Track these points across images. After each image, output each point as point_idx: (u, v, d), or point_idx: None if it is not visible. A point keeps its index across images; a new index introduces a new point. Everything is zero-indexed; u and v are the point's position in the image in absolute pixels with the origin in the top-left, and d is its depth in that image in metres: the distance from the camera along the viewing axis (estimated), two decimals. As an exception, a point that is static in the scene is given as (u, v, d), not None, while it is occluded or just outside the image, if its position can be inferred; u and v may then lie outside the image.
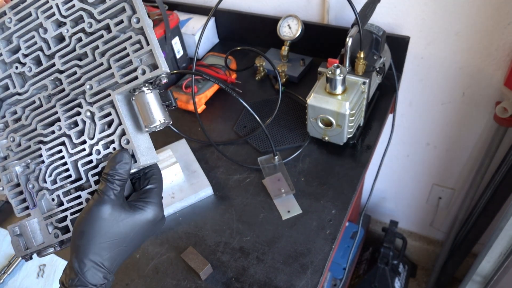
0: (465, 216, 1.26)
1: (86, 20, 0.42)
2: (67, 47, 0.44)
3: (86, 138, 0.43)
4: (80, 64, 0.43)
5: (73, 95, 0.44)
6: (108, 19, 0.42)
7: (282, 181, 0.77)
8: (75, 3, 0.43)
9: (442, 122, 1.09)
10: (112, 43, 0.42)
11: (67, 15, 0.43)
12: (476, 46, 0.89)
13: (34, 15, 0.44)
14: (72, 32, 0.43)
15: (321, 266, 0.65)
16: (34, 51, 0.45)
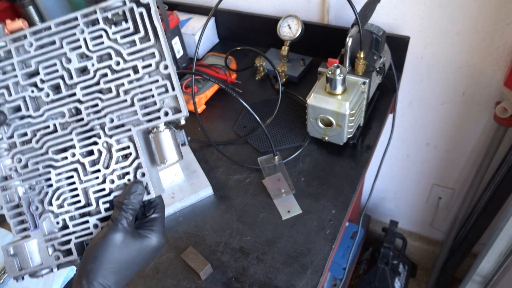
0: (465, 216, 1.26)
1: (114, 59, 0.44)
2: (90, 80, 0.45)
3: (101, 167, 0.44)
4: (103, 98, 0.44)
5: (91, 125, 0.45)
6: (137, 61, 0.44)
7: (282, 181, 0.77)
8: (104, 41, 0.44)
9: (442, 122, 1.09)
10: (138, 83, 0.44)
11: (94, 50, 0.44)
12: (476, 46, 0.89)
13: (58, 44, 0.45)
14: (98, 67, 0.44)
15: (321, 266, 0.65)
16: (54, 79, 0.45)
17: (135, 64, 0.44)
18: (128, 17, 0.44)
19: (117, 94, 0.44)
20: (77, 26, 0.44)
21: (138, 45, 0.44)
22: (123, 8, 0.43)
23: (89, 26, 0.44)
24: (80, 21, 0.44)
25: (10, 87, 0.45)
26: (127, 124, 0.44)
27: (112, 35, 0.44)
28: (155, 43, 0.44)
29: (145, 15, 0.44)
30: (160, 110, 0.43)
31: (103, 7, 0.44)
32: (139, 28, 0.43)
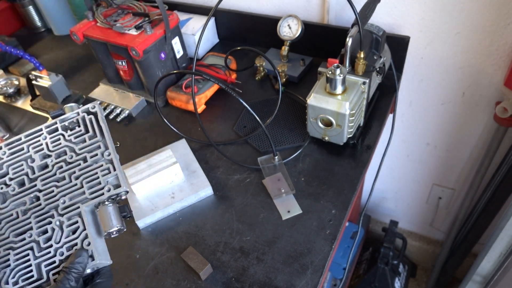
0: (465, 216, 1.26)
1: (68, 154, 0.54)
2: (49, 173, 0.54)
3: (53, 243, 0.50)
4: (58, 185, 0.53)
5: (47, 208, 0.52)
6: (86, 153, 0.54)
7: (282, 181, 0.77)
8: (62, 142, 0.55)
9: (442, 122, 1.09)
10: (87, 169, 0.53)
11: (53, 150, 0.55)
12: (476, 46, 0.89)
13: (26, 150, 0.55)
14: (56, 161, 0.54)
15: (321, 266, 0.65)
16: (20, 176, 0.54)
17: (84, 156, 0.54)
18: (81, 123, 0.56)
19: (69, 180, 0.53)
20: (41, 134, 0.56)
21: (88, 141, 0.55)
22: (77, 117, 0.56)
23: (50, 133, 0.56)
24: (44, 131, 0.56)
25: None
26: (76, 203, 0.52)
27: (67, 137, 0.55)
28: (101, 139, 0.55)
29: (93, 120, 0.56)
30: (103, 188, 0.52)
31: (62, 118, 0.57)
32: (89, 129, 0.55)
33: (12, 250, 0.51)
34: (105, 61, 1.03)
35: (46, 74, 1.01)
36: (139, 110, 1.01)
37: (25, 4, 1.35)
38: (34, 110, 1.07)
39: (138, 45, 0.88)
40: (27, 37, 1.40)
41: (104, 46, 0.98)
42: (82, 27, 0.96)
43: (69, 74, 1.18)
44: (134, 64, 0.98)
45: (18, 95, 1.14)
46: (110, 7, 0.99)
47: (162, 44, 0.95)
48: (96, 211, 0.52)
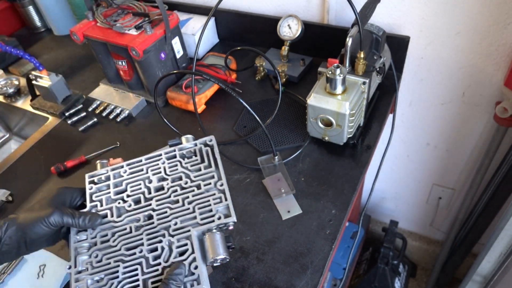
0: (465, 216, 1.26)
1: (184, 179, 0.60)
2: (164, 194, 0.59)
3: (162, 261, 0.53)
4: (171, 207, 0.57)
5: (159, 227, 0.56)
6: (200, 181, 0.59)
7: (282, 181, 0.77)
8: (178, 168, 0.61)
9: (442, 122, 1.09)
10: (200, 196, 0.58)
11: (170, 174, 0.60)
12: (476, 46, 0.89)
13: (145, 171, 0.62)
14: (171, 185, 0.60)
15: (321, 266, 0.65)
16: (137, 194, 0.60)
17: (199, 183, 0.59)
18: (197, 153, 0.62)
19: (182, 204, 0.57)
20: (161, 159, 0.62)
21: (203, 170, 0.60)
22: (195, 148, 0.63)
23: (168, 159, 0.62)
24: (163, 156, 0.62)
25: (103, 200, 0.60)
26: (187, 227, 0.55)
27: (184, 164, 0.61)
28: (215, 169, 0.60)
29: (210, 152, 0.62)
30: (214, 215, 0.55)
31: (180, 147, 0.63)
32: (205, 160, 0.61)
33: (122, 263, 0.54)
34: (105, 61, 1.03)
35: (46, 74, 1.01)
36: (139, 110, 1.01)
37: (25, 4, 1.35)
38: (34, 110, 1.07)
39: (138, 45, 0.88)
40: (27, 37, 1.40)
41: (104, 46, 0.98)
42: (82, 27, 0.96)
43: (69, 74, 1.18)
44: (134, 64, 0.98)
45: (18, 95, 1.14)
46: (110, 7, 0.99)
47: (162, 44, 0.95)
48: (204, 238, 0.54)
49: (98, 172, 0.63)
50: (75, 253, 0.55)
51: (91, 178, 0.62)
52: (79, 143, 0.95)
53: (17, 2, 1.35)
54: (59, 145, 0.96)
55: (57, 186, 0.86)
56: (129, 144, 0.93)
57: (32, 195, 0.85)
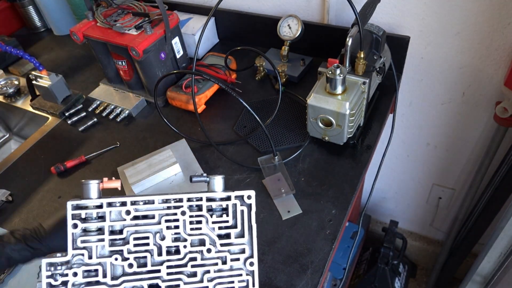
0: (465, 216, 1.26)
1: (207, 246, 0.45)
2: (179, 261, 0.44)
3: None
4: (185, 280, 0.44)
5: None
6: (227, 253, 0.45)
7: (282, 181, 0.77)
8: (203, 227, 0.45)
9: (442, 122, 1.09)
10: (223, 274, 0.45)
11: (191, 234, 0.45)
12: (476, 46, 0.89)
13: (157, 220, 0.45)
14: (190, 250, 0.45)
15: (321, 266, 0.65)
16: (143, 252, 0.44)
17: (225, 255, 0.45)
18: (230, 211, 0.46)
19: (200, 280, 0.45)
20: (181, 207, 0.45)
21: (233, 238, 0.46)
22: (226, 202, 0.47)
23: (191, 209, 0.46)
24: (185, 203, 0.45)
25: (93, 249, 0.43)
26: None
27: (211, 223, 0.46)
28: (248, 241, 0.46)
29: (246, 213, 0.47)
30: None
31: (210, 196, 0.46)
32: (237, 224, 0.46)
33: None
34: (105, 61, 1.03)
35: (46, 74, 1.01)
36: (139, 110, 1.01)
37: (25, 4, 1.35)
38: (34, 110, 1.07)
39: (138, 45, 0.88)
40: (27, 37, 1.40)
41: (104, 46, 0.98)
42: (82, 27, 0.96)
43: (69, 74, 1.18)
44: (134, 64, 0.98)
45: (18, 95, 1.14)
46: (110, 7, 0.99)
47: (162, 44, 0.95)
48: None
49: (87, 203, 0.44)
50: None
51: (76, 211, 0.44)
52: (79, 143, 0.95)
53: (17, 2, 1.35)
54: (59, 145, 0.95)
55: (58, 186, 0.86)
56: (129, 144, 0.93)
57: (32, 195, 0.85)
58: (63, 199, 0.82)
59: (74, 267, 0.43)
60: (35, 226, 0.50)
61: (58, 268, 0.43)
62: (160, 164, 0.79)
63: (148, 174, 0.78)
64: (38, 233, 0.48)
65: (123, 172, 0.82)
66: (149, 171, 0.78)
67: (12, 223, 0.80)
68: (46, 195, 0.84)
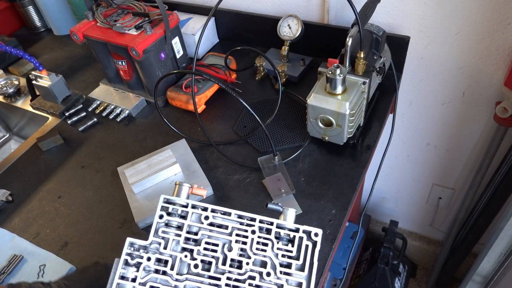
0: (465, 216, 1.26)
1: (268, 269, 0.47)
2: (240, 276, 0.47)
3: None
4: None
5: None
6: (284, 281, 0.47)
7: (282, 181, 0.77)
8: (267, 250, 0.48)
9: (442, 122, 1.09)
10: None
11: (255, 253, 0.48)
12: (476, 46, 0.89)
13: (229, 231, 0.49)
14: (252, 268, 0.48)
15: (321, 266, 0.65)
16: (209, 256, 0.48)
17: (282, 283, 0.47)
18: (295, 243, 0.49)
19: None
20: (253, 226, 0.50)
21: (293, 269, 0.48)
22: (294, 233, 0.49)
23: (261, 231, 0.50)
24: (256, 224, 0.50)
25: (169, 243, 0.49)
26: None
27: (275, 250, 0.49)
28: (306, 276, 0.48)
29: (310, 249, 0.49)
30: None
31: (280, 224, 0.50)
32: (300, 257, 0.48)
33: None
34: (105, 61, 1.03)
35: (46, 74, 1.01)
36: (139, 110, 1.01)
37: (25, 4, 1.35)
38: (34, 110, 1.07)
39: (138, 45, 0.88)
40: (27, 37, 1.40)
41: (104, 46, 0.98)
42: (82, 27, 0.96)
43: (69, 74, 1.18)
44: (134, 64, 0.98)
45: (18, 95, 1.14)
46: (110, 7, 0.99)
47: (162, 44, 0.95)
48: None
49: (176, 200, 0.51)
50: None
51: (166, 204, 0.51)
52: (79, 143, 0.95)
53: (17, 2, 1.35)
54: (59, 145, 0.95)
55: (58, 186, 0.86)
56: (129, 144, 0.93)
57: (32, 195, 0.85)
58: (63, 199, 0.82)
59: (150, 252, 0.48)
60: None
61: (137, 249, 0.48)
62: (160, 164, 0.79)
63: (148, 174, 0.78)
64: None
65: (123, 172, 0.82)
66: (149, 171, 0.78)
67: (12, 223, 0.80)
68: (46, 195, 0.84)
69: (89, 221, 0.78)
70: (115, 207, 0.80)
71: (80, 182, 0.86)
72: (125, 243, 0.48)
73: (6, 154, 1.17)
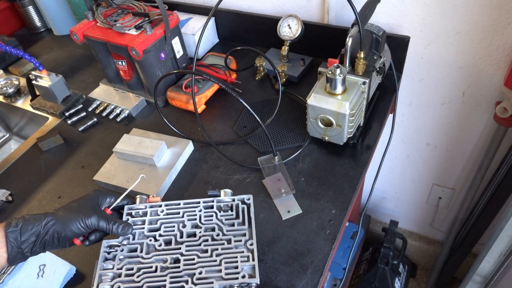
0: (465, 216, 1.26)
1: (216, 231, 0.62)
2: (195, 242, 0.61)
3: None
4: (199, 255, 0.59)
5: (184, 273, 0.57)
6: (232, 236, 0.61)
7: (282, 181, 0.77)
8: (213, 219, 0.63)
9: (442, 122, 1.09)
10: (228, 251, 0.59)
11: (204, 223, 0.63)
12: (476, 46, 0.89)
13: (181, 215, 0.64)
14: (203, 234, 0.62)
15: (321, 266, 0.65)
16: (169, 236, 0.62)
17: (230, 238, 0.60)
18: (234, 208, 0.64)
19: (210, 255, 0.59)
20: (198, 206, 0.64)
21: (236, 226, 0.62)
22: (232, 203, 0.65)
23: (205, 208, 0.65)
24: (201, 204, 0.65)
25: (136, 234, 0.62)
26: (210, 278, 0.57)
27: (219, 217, 0.63)
28: (247, 228, 0.62)
29: (246, 210, 0.64)
30: (239, 273, 0.57)
31: (219, 199, 0.65)
32: (239, 216, 0.63)
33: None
34: (105, 61, 1.03)
35: (46, 74, 1.01)
36: (139, 110, 1.01)
37: (25, 4, 1.35)
38: (34, 110, 1.07)
39: (138, 45, 0.88)
40: (27, 37, 1.40)
41: (104, 46, 0.98)
42: (82, 27, 0.96)
43: (69, 74, 1.18)
44: (134, 64, 0.98)
45: (18, 95, 1.14)
46: (110, 7, 0.99)
47: (162, 44, 0.95)
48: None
49: (136, 206, 0.66)
50: (98, 280, 0.57)
51: (129, 210, 0.65)
52: (79, 143, 0.95)
53: (17, 2, 1.35)
54: (59, 145, 0.95)
55: (58, 186, 0.86)
56: (129, 144, 0.93)
57: (32, 195, 0.85)
58: (63, 199, 0.82)
59: (122, 245, 0.61)
60: None
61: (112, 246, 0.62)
62: (145, 149, 0.83)
63: (131, 150, 0.83)
64: None
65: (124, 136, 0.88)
66: (134, 148, 0.83)
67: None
68: (46, 195, 0.84)
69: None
70: (115, 207, 0.80)
71: (80, 182, 0.86)
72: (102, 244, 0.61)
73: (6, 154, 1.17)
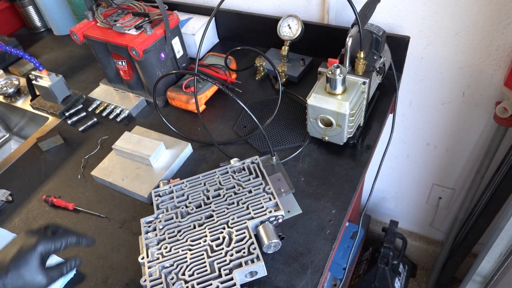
0: (465, 216, 1.26)
1: (237, 187, 0.72)
2: (221, 199, 0.71)
3: (224, 247, 0.64)
4: (228, 207, 0.69)
5: (219, 223, 0.67)
6: (251, 187, 0.71)
7: (282, 181, 0.77)
8: (231, 180, 0.73)
9: (442, 122, 1.09)
10: (252, 198, 0.69)
11: (224, 185, 0.73)
12: (476, 46, 0.89)
13: (202, 184, 0.74)
14: (226, 192, 0.72)
15: (321, 266, 0.65)
16: (197, 201, 0.71)
17: (250, 189, 0.71)
18: (246, 169, 0.75)
19: (237, 205, 0.69)
20: (215, 174, 0.75)
21: (251, 180, 0.73)
22: (243, 165, 0.76)
23: (222, 174, 0.75)
24: (217, 173, 0.75)
25: (168, 207, 0.71)
26: (243, 220, 0.66)
27: (235, 177, 0.74)
28: (261, 179, 0.72)
29: (256, 167, 0.75)
30: (265, 210, 0.67)
31: (231, 166, 0.76)
32: (252, 172, 0.74)
33: (189, 251, 0.64)
34: (105, 61, 1.03)
35: (46, 74, 1.01)
36: (139, 110, 1.01)
37: (25, 4, 1.35)
38: (34, 110, 1.07)
39: (138, 45, 0.88)
40: (27, 37, 1.40)
41: (104, 46, 0.98)
42: (82, 27, 0.96)
43: (69, 74, 1.18)
44: (134, 64, 0.98)
45: (18, 95, 1.14)
46: (110, 7, 0.99)
47: (162, 44, 0.95)
48: (258, 229, 0.65)
49: (161, 188, 0.75)
50: (146, 247, 0.65)
51: (156, 193, 0.74)
52: (79, 143, 0.95)
53: (17, 2, 1.35)
54: (59, 145, 0.95)
55: (58, 186, 0.86)
56: (129, 144, 0.93)
57: (32, 195, 0.85)
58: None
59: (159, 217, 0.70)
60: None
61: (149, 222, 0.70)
62: (143, 149, 0.83)
63: (129, 148, 0.84)
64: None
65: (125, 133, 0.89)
66: (133, 146, 0.84)
67: (12, 223, 0.80)
68: (46, 195, 0.84)
69: (89, 221, 0.78)
70: (115, 207, 0.80)
71: (80, 182, 0.86)
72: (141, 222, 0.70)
73: (6, 154, 1.17)
